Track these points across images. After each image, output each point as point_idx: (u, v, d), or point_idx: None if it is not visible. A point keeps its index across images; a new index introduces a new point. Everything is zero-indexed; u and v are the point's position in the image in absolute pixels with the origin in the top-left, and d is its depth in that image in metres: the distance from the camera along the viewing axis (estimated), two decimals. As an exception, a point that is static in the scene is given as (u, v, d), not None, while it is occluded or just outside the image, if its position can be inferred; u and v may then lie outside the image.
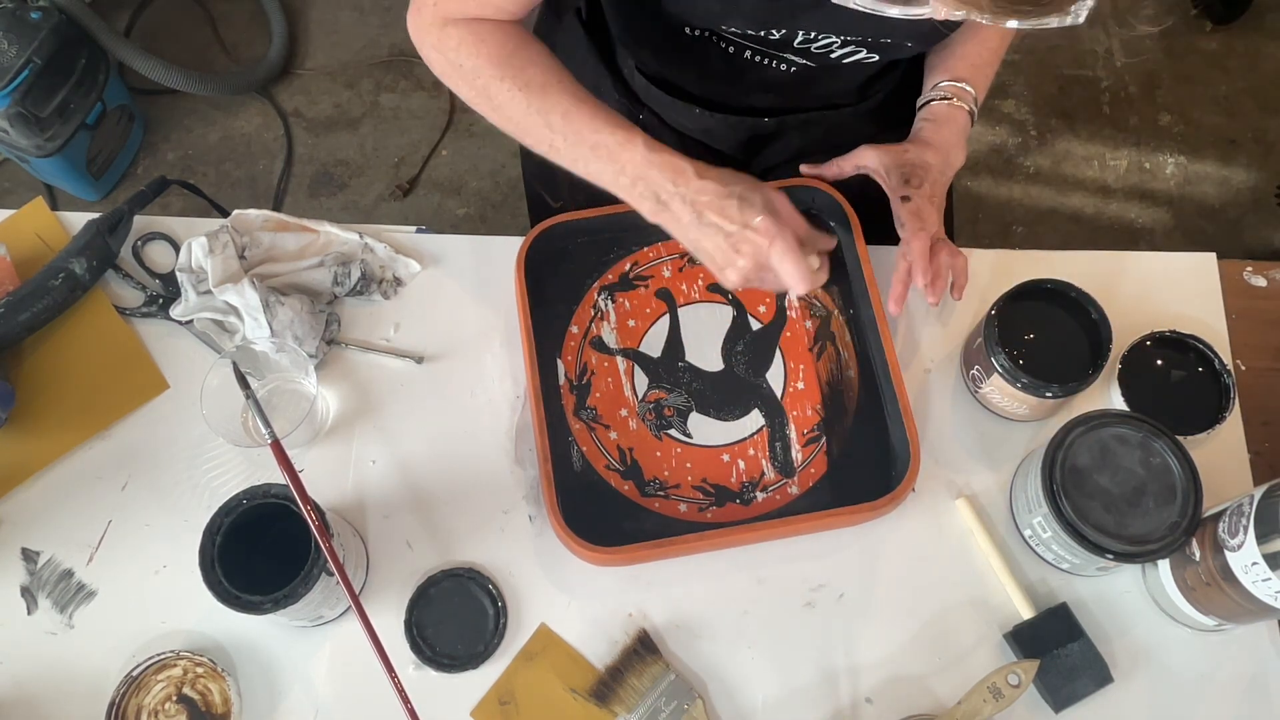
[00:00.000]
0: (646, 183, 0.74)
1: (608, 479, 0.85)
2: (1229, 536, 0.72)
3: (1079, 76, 2.08)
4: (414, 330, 0.91)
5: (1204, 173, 2.00)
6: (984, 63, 0.92)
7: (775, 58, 0.86)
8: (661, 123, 0.97)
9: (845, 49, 0.83)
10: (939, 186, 0.87)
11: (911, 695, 0.80)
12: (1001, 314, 0.83)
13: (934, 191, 0.86)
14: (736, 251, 0.72)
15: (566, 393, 0.88)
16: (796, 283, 0.72)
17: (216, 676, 0.78)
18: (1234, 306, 0.94)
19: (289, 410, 0.87)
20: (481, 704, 0.79)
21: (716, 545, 0.82)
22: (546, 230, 0.90)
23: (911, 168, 0.86)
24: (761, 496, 0.85)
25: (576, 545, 0.79)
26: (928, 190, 0.85)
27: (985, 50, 0.91)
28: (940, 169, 0.87)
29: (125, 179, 1.94)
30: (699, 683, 0.80)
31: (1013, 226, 1.94)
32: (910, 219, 0.84)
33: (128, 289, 0.92)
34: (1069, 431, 0.77)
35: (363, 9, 2.10)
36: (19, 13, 1.64)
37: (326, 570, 0.72)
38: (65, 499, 0.85)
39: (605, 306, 0.91)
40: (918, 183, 0.85)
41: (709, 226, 0.72)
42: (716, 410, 0.88)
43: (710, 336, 0.91)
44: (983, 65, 0.92)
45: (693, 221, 0.73)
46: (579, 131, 0.75)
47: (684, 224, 0.74)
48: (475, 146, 1.99)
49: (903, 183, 0.85)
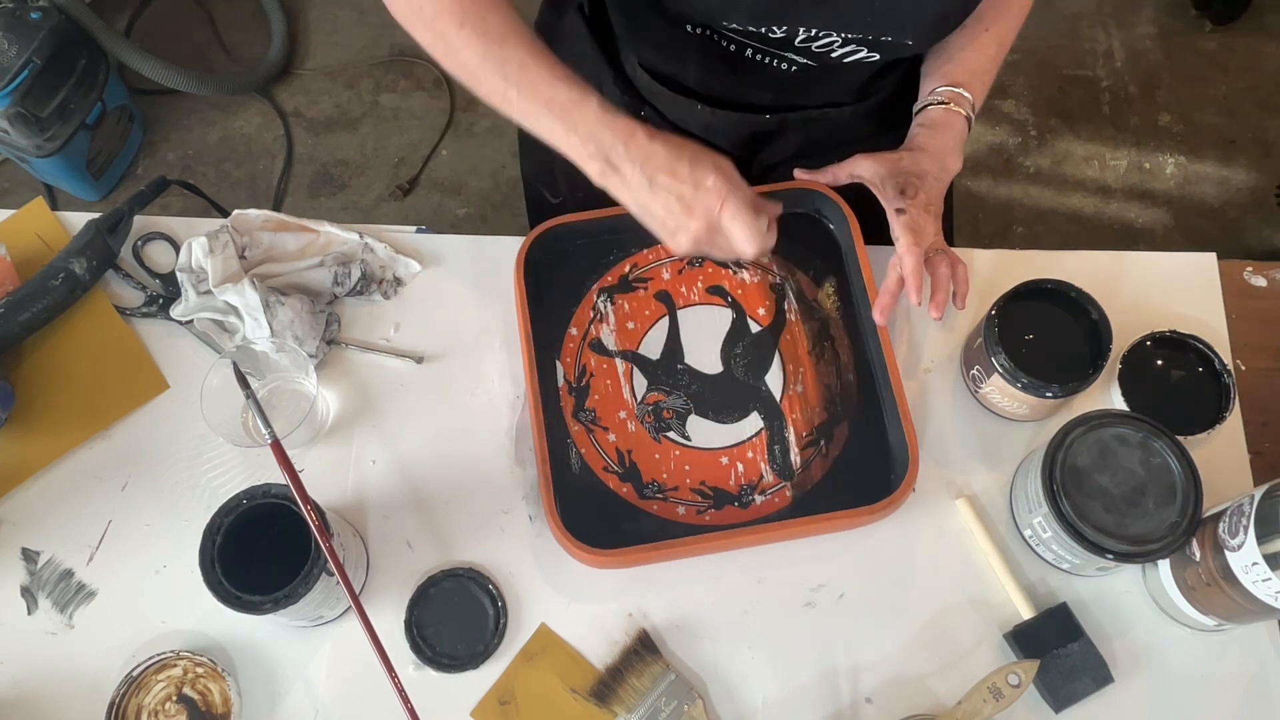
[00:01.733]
0: (597, 143, 0.73)
1: (606, 481, 0.85)
2: (1229, 536, 0.72)
3: (1079, 76, 2.08)
4: (414, 330, 0.91)
5: (1204, 173, 2.00)
6: (981, 69, 0.92)
7: (776, 56, 0.86)
8: (663, 119, 0.98)
9: (846, 47, 0.83)
10: (935, 195, 0.87)
11: (911, 695, 0.80)
12: (1001, 314, 0.83)
13: (930, 199, 0.86)
14: (688, 212, 0.72)
15: (565, 395, 0.88)
16: (747, 244, 0.72)
17: (216, 676, 0.78)
18: (1234, 306, 0.94)
19: (289, 410, 0.87)
20: (481, 704, 0.79)
21: (715, 548, 0.82)
22: (545, 232, 0.90)
23: (906, 177, 0.85)
24: (760, 499, 0.85)
25: (575, 548, 0.79)
26: (923, 199, 0.85)
27: (983, 56, 0.91)
28: (936, 176, 0.87)
29: (125, 179, 1.94)
30: (699, 683, 0.80)
31: (1013, 226, 1.95)
32: (905, 233, 0.84)
33: (128, 289, 0.92)
34: (1069, 431, 0.77)
35: (363, 9, 2.10)
36: (19, 13, 1.64)
37: (326, 570, 0.72)
38: (65, 499, 0.85)
39: (604, 308, 0.91)
40: (913, 193, 0.85)
41: (660, 189, 0.72)
42: (715, 413, 0.88)
43: (709, 339, 0.91)
44: (980, 71, 0.91)
45: (642, 185, 0.72)
46: (534, 84, 0.74)
47: (633, 187, 0.73)
48: (475, 146, 1.99)
49: (898, 193, 0.85)
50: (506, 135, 1.98)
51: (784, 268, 0.93)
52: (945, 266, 0.85)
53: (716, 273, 0.93)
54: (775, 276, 0.93)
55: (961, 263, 0.86)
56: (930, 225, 0.85)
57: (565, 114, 0.73)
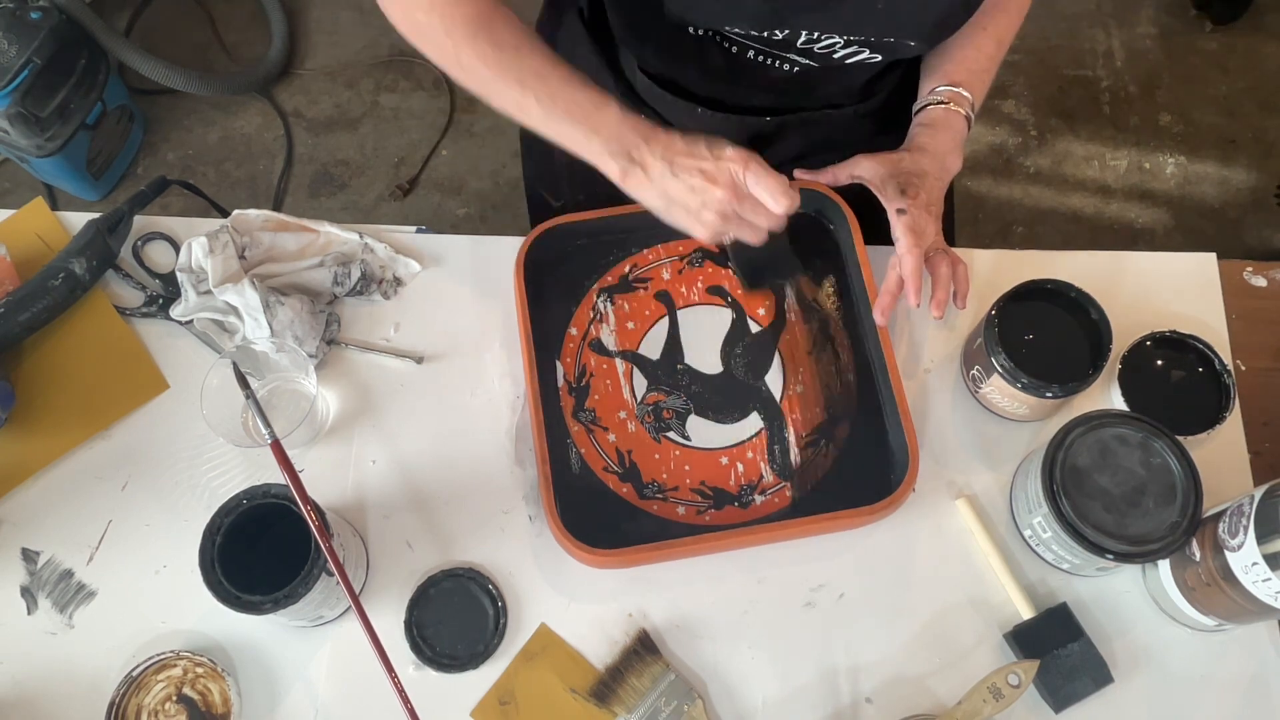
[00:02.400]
0: (620, 142, 0.75)
1: (606, 481, 0.85)
2: (1229, 537, 0.72)
3: (1079, 76, 2.08)
4: (414, 330, 0.91)
5: (1204, 173, 2.00)
6: (981, 69, 0.92)
7: (778, 57, 0.86)
8: (663, 121, 0.97)
9: (848, 49, 0.83)
10: (936, 194, 0.87)
11: (911, 695, 0.80)
12: (1001, 314, 0.83)
13: (931, 200, 0.86)
14: (712, 182, 0.73)
15: (565, 395, 0.88)
16: (777, 197, 0.74)
17: (216, 676, 0.78)
18: (1234, 306, 0.94)
19: (289, 410, 0.87)
20: (481, 704, 0.79)
21: (715, 548, 0.82)
22: (545, 233, 0.90)
23: (907, 177, 0.86)
24: (760, 499, 0.85)
25: (575, 548, 0.79)
26: (924, 199, 0.85)
27: (982, 56, 0.91)
28: (936, 175, 0.87)
29: (125, 179, 1.94)
30: (699, 683, 0.80)
31: (1013, 226, 1.95)
32: (905, 234, 0.84)
33: (128, 289, 0.92)
34: (1069, 431, 0.77)
35: (363, 9, 2.10)
36: (19, 13, 1.64)
37: (326, 570, 0.72)
38: (65, 499, 0.85)
39: (604, 308, 0.91)
40: (914, 193, 0.85)
41: (682, 170, 0.74)
42: (715, 413, 0.88)
43: (709, 339, 0.90)
44: (980, 71, 0.91)
45: (663, 171, 0.74)
46: (553, 92, 0.76)
47: (655, 175, 0.75)
48: (475, 146, 1.99)
49: (898, 194, 0.85)
50: (506, 135, 1.98)
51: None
52: (945, 266, 0.85)
53: (716, 273, 0.93)
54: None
55: (962, 262, 0.86)
56: (931, 226, 0.85)
57: (587, 118, 0.75)
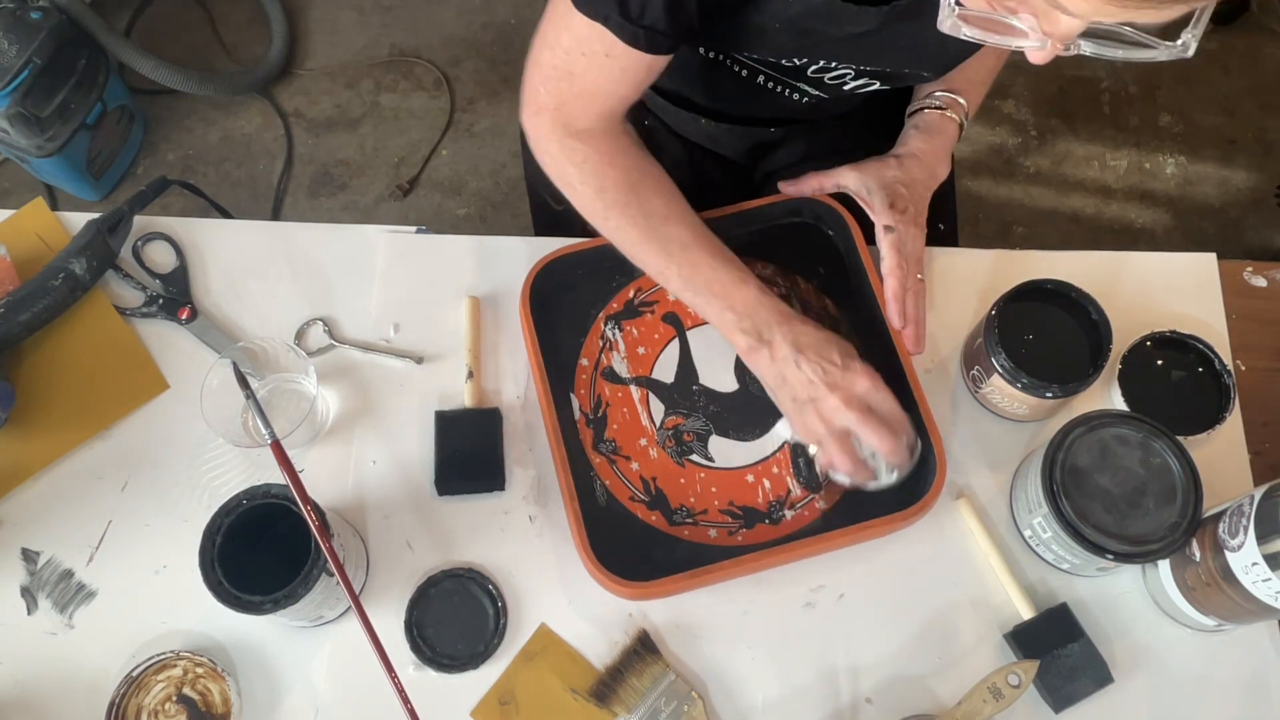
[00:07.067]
0: (753, 320, 0.78)
1: (634, 511, 0.83)
2: (1229, 537, 0.72)
3: (1079, 76, 2.08)
4: (414, 330, 0.91)
5: (1204, 173, 2.00)
6: (979, 79, 0.91)
7: (788, 85, 0.85)
8: (667, 130, 0.97)
9: (858, 80, 0.83)
10: (923, 204, 0.87)
11: (911, 695, 0.80)
12: (1001, 314, 0.83)
13: (918, 210, 0.86)
14: (831, 388, 0.75)
15: (583, 427, 0.86)
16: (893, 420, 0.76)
17: (216, 677, 0.78)
18: (1234, 306, 0.94)
19: (289, 410, 0.87)
20: (481, 704, 0.79)
21: (754, 569, 0.81)
22: (546, 267, 0.89)
23: (895, 189, 0.85)
24: (790, 514, 0.84)
25: (613, 583, 0.78)
26: (912, 213, 0.85)
27: (982, 67, 0.91)
28: (925, 184, 0.87)
29: (125, 179, 1.94)
30: (699, 683, 0.80)
31: (1013, 226, 1.94)
32: (891, 253, 0.84)
33: (128, 289, 0.92)
34: (1069, 431, 0.77)
35: (363, 9, 2.10)
36: (19, 13, 1.64)
37: (326, 570, 0.72)
38: (65, 499, 0.85)
39: (613, 336, 0.90)
40: (903, 206, 0.85)
41: (805, 365, 0.76)
42: (736, 431, 0.87)
43: (721, 357, 0.89)
44: (978, 82, 0.91)
45: (788, 357, 0.77)
46: (695, 265, 0.79)
47: (779, 358, 0.78)
48: (475, 146, 1.99)
49: (886, 208, 0.84)
50: (507, 135, 1.98)
51: (786, 278, 0.92)
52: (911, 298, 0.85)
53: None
54: (780, 288, 0.91)
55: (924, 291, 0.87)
56: (919, 240, 0.86)
57: (725, 294, 0.79)
